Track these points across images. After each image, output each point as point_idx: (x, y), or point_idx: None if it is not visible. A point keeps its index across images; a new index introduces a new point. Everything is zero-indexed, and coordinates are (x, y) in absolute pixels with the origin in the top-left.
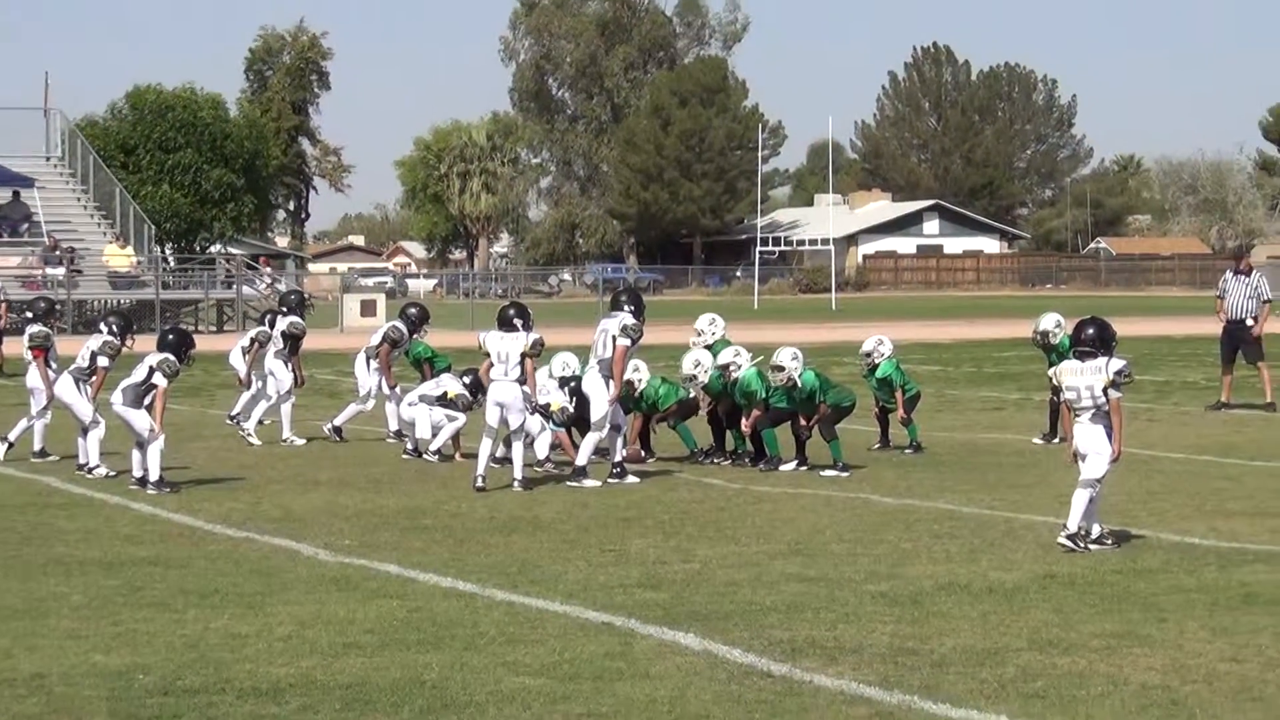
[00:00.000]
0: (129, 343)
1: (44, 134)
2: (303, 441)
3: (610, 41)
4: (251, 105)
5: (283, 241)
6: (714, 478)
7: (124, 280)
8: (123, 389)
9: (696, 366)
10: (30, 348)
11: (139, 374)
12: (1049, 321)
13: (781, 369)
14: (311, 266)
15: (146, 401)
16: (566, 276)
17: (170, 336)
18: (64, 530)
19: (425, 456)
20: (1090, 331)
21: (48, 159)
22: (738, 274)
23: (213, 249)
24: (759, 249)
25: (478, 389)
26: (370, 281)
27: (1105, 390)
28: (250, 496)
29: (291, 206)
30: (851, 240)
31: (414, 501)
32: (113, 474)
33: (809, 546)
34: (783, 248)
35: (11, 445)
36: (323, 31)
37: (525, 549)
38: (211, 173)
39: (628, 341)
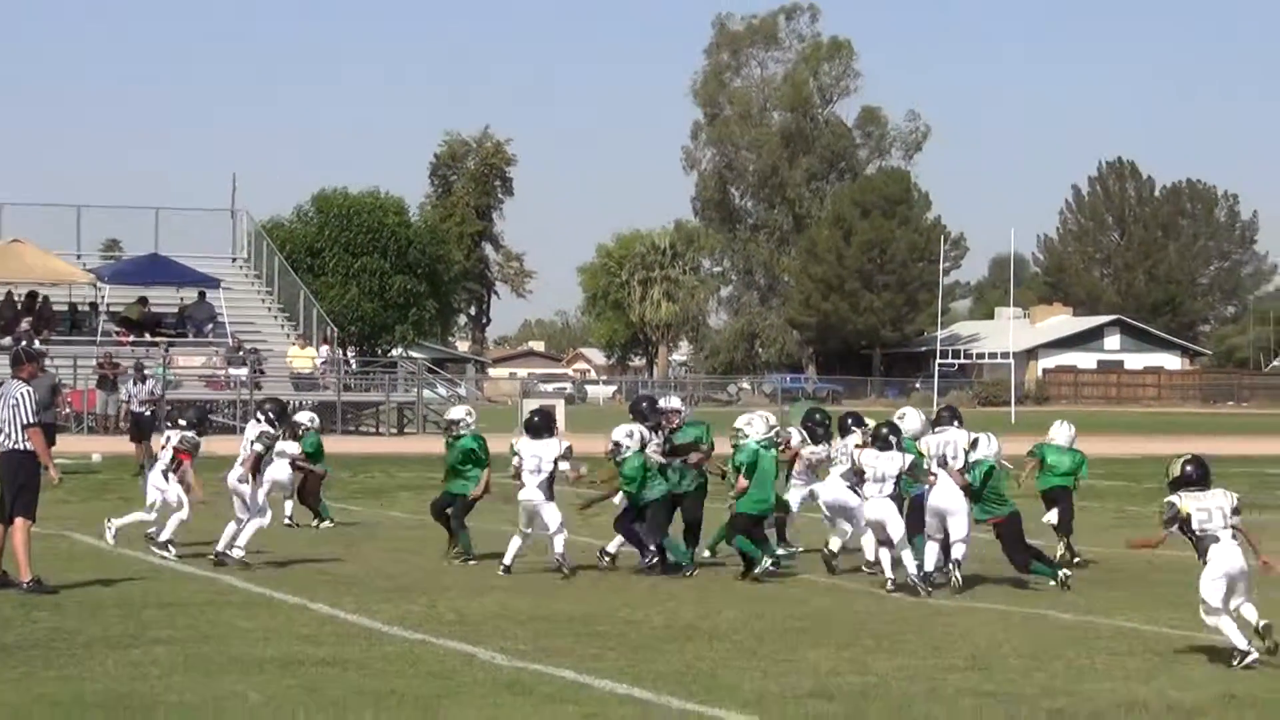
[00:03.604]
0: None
1: (230, 235)
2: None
3: (792, 152)
4: (435, 210)
5: (464, 346)
6: (889, 590)
7: (306, 381)
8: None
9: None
10: (178, 451)
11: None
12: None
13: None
14: (492, 371)
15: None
16: (745, 385)
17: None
18: (243, 629)
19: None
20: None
21: (234, 260)
22: (917, 385)
23: (394, 352)
24: (939, 361)
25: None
26: (550, 387)
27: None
28: (426, 599)
29: (473, 311)
30: (1031, 354)
31: (588, 607)
32: (248, 562)
33: (985, 661)
34: (963, 360)
35: (171, 542)
36: (507, 138)
37: (700, 657)
38: (395, 278)
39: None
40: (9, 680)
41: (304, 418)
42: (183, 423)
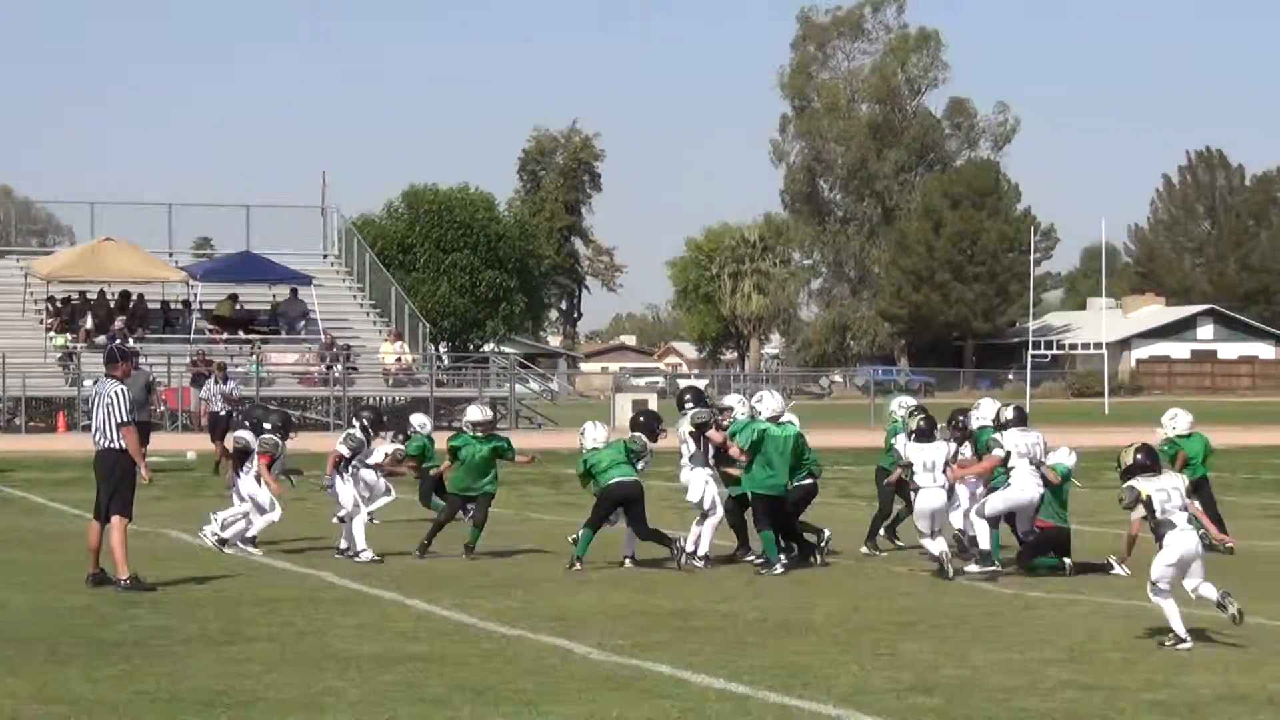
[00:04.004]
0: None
1: (321, 232)
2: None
3: (881, 144)
4: (525, 205)
5: (555, 341)
6: (987, 582)
7: (399, 378)
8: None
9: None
10: (259, 454)
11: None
12: None
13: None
14: (584, 366)
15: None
16: (837, 378)
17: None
18: (341, 625)
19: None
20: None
21: (325, 257)
22: (1009, 377)
23: (486, 348)
24: (1031, 352)
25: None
26: (642, 381)
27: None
28: (524, 594)
29: (564, 306)
30: (1124, 344)
31: (686, 602)
32: (378, 559)
33: (1084, 653)
34: (1055, 351)
35: (254, 540)
36: (595, 133)
37: (797, 651)
38: (485, 273)
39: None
40: (109, 677)
41: (417, 421)
42: (267, 426)
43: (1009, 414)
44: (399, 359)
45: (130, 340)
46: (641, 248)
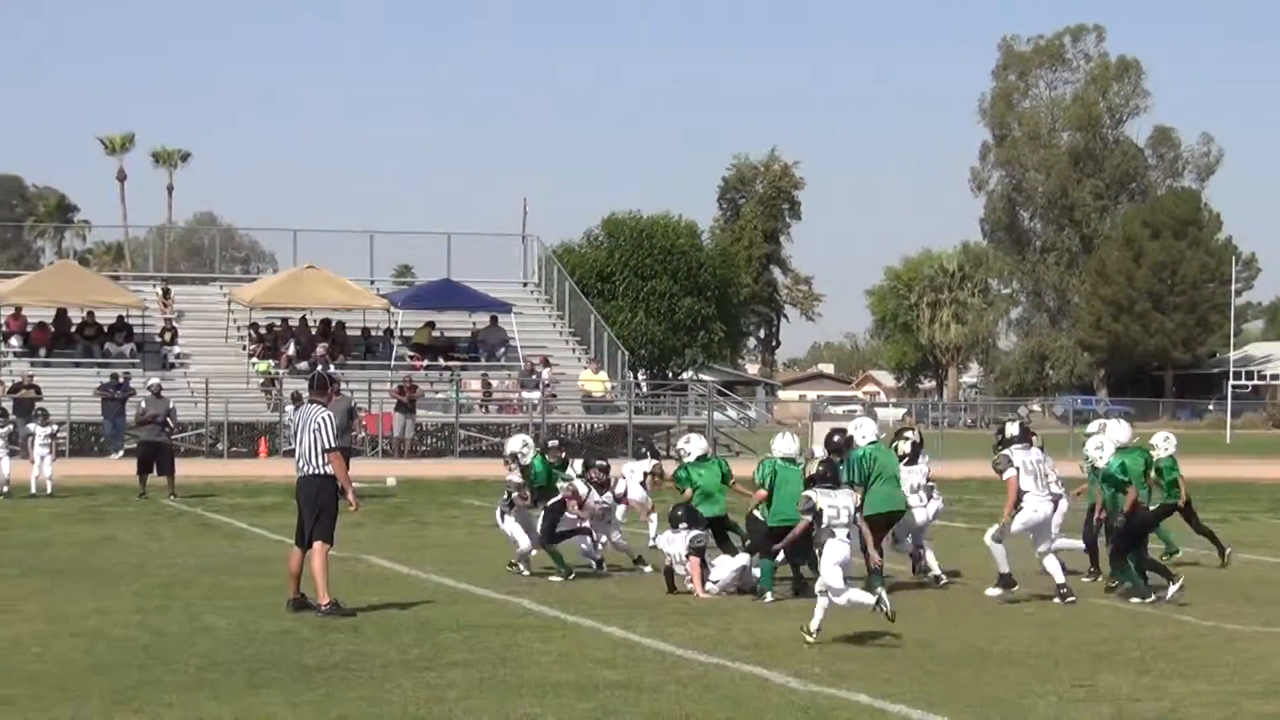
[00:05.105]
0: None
1: (521, 260)
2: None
3: (1081, 173)
4: (724, 233)
5: (753, 369)
6: (1185, 614)
7: (598, 405)
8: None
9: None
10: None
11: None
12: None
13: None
14: (781, 394)
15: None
16: (1036, 407)
17: None
18: (538, 652)
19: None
20: None
21: (525, 284)
22: (1210, 408)
23: (684, 375)
24: (1232, 383)
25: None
26: (839, 410)
27: None
28: (720, 622)
29: (762, 334)
30: None
31: (880, 630)
32: (572, 577)
33: None
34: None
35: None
36: (794, 160)
37: (994, 682)
38: (684, 300)
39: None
40: (310, 701)
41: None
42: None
43: (1013, 430)
44: (605, 390)
45: (332, 366)
46: (840, 276)
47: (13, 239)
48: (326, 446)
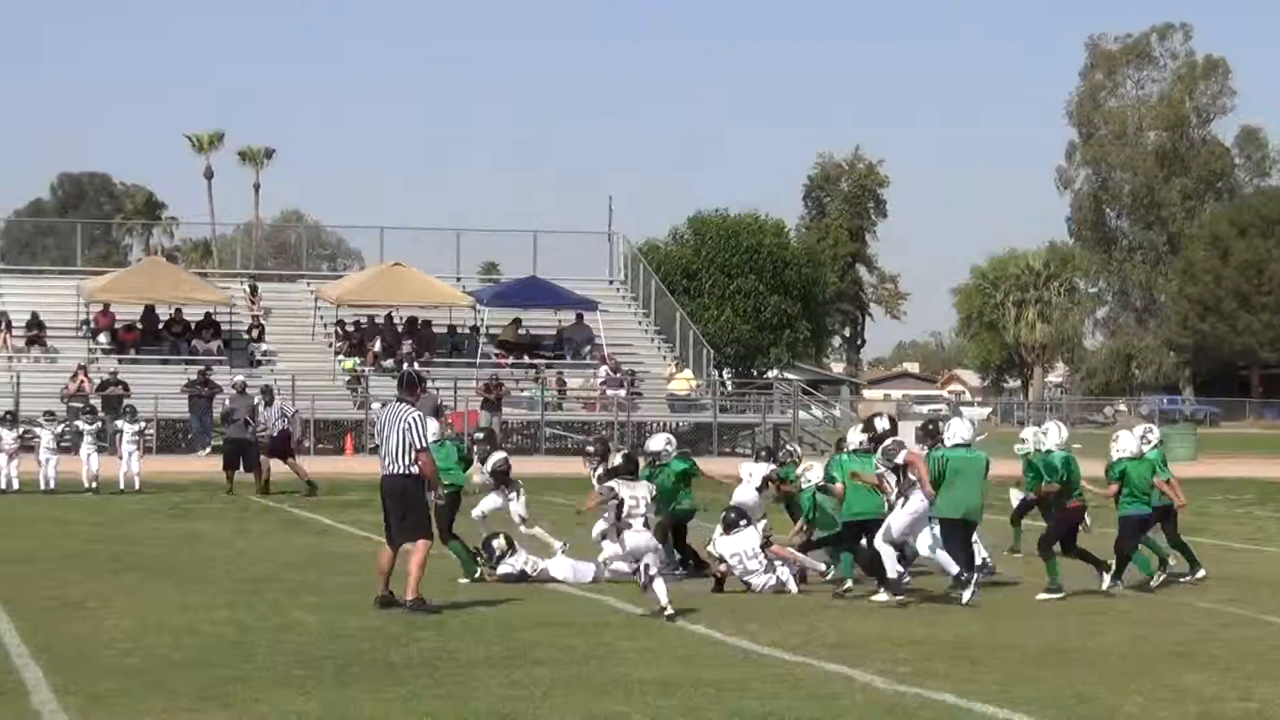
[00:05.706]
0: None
1: (607, 258)
2: None
3: (1168, 172)
4: (810, 232)
5: (838, 368)
6: (1273, 615)
7: (683, 403)
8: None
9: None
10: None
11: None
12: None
13: None
14: (866, 393)
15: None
16: (1122, 407)
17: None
18: (623, 650)
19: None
20: None
21: (610, 282)
22: None
23: (769, 374)
24: None
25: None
26: (925, 409)
27: None
28: (806, 620)
29: (847, 333)
30: None
31: (966, 629)
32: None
33: None
34: None
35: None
36: (879, 159)
37: (1080, 681)
38: (770, 298)
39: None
40: (396, 698)
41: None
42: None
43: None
44: (691, 388)
45: (417, 364)
46: (926, 275)
47: (101, 236)
48: (420, 446)
